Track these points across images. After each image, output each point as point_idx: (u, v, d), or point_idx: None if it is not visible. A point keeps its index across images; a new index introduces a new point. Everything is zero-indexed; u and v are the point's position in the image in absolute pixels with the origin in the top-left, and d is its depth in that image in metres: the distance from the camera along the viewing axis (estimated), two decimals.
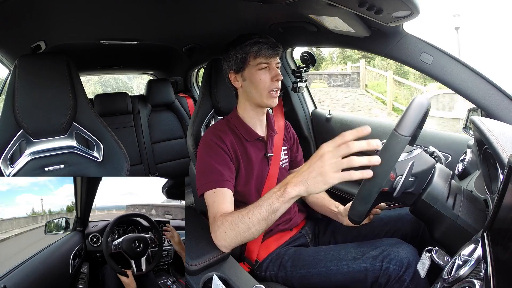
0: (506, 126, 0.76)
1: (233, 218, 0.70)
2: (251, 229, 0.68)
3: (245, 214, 0.69)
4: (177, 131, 2.15)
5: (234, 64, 0.91)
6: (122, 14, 1.04)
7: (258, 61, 0.88)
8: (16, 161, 0.89)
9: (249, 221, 0.68)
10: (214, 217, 0.77)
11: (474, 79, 0.86)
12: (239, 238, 0.70)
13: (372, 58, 17.79)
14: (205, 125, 1.10)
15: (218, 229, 0.73)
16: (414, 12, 0.73)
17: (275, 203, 0.65)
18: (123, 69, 2.35)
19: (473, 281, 0.43)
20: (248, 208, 0.69)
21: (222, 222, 0.72)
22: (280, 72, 0.91)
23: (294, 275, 0.84)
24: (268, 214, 0.66)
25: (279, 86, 0.91)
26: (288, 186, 0.63)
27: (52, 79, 0.91)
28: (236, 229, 0.69)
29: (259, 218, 0.67)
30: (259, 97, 0.90)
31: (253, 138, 0.95)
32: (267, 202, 0.66)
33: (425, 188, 0.66)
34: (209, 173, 0.84)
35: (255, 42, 0.87)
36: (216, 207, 0.78)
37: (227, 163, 0.87)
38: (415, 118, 0.57)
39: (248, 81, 0.90)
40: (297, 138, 1.14)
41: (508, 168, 0.46)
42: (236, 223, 0.69)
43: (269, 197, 0.66)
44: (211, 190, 0.81)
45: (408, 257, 0.71)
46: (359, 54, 14.46)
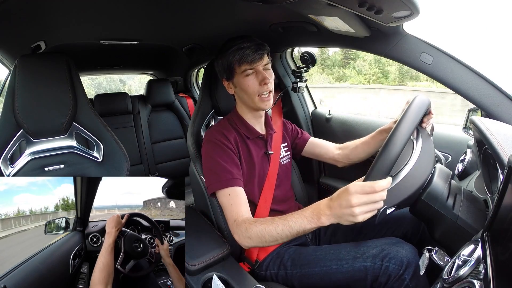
0: (506, 126, 0.76)
1: (259, 229, 0.74)
2: (278, 241, 0.73)
3: (273, 229, 0.71)
4: (177, 131, 2.15)
5: (223, 72, 0.93)
6: (122, 14, 1.04)
7: (243, 68, 0.88)
8: (16, 161, 0.89)
9: (277, 236, 0.71)
10: (235, 220, 0.80)
11: (474, 79, 0.86)
12: (264, 244, 0.75)
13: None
14: (205, 125, 1.10)
15: (242, 234, 0.76)
16: (414, 12, 0.73)
17: (307, 226, 0.68)
18: (123, 69, 2.35)
19: (473, 281, 0.43)
20: (276, 224, 0.72)
21: (247, 229, 0.75)
22: (270, 73, 0.90)
23: (294, 274, 0.84)
24: (298, 233, 0.70)
25: (270, 88, 0.90)
26: (322, 216, 0.65)
27: (52, 79, 0.91)
28: (262, 239, 0.73)
29: (288, 235, 0.70)
30: (251, 102, 0.91)
31: (254, 136, 0.96)
32: (297, 223, 0.69)
33: (425, 188, 0.67)
34: (219, 171, 0.85)
35: (237, 49, 0.86)
36: (235, 210, 0.81)
37: (234, 161, 0.88)
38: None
39: (238, 87, 0.91)
40: (295, 126, 1.16)
41: (508, 168, 0.46)
42: (262, 235, 0.73)
43: (300, 219, 0.69)
44: (224, 189, 0.84)
45: (408, 256, 0.71)
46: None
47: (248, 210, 0.83)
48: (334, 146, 1.10)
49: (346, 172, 1.37)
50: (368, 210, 0.59)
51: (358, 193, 0.59)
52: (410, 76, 18.07)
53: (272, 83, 0.92)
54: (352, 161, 1.05)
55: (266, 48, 0.90)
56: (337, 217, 0.63)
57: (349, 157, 1.05)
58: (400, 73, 18.50)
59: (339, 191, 0.63)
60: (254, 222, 0.76)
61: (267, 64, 0.91)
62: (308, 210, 0.69)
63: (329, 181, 1.43)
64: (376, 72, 19.24)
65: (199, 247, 0.83)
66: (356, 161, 1.05)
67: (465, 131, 0.94)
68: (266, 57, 0.90)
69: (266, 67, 0.90)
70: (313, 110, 1.57)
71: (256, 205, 0.93)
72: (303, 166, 1.36)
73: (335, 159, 1.08)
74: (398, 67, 17.81)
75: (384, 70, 19.37)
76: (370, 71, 19.30)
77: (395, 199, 0.65)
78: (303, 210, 0.70)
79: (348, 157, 1.05)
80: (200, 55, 1.75)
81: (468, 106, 0.91)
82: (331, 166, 1.12)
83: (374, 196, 0.58)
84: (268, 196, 0.95)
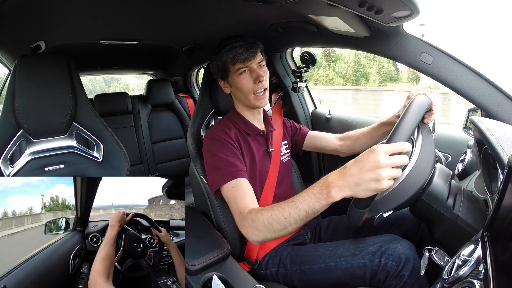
0: (506, 126, 0.76)
1: (265, 217, 0.68)
2: (287, 228, 0.66)
3: (280, 214, 0.66)
4: (177, 131, 2.15)
5: (218, 72, 0.94)
6: (122, 14, 1.04)
7: (236, 67, 0.88)
8: (16, 161, 0.89)
9: (285, 222, 0.65)
10: (241, 213, 0.76)
11: (474, 79, 0.86)
12: (274, 235, 0.69)
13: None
14: (205, 125, 1.10)
15: (250, 226, 0.71)
16: (414, 12, 0.73)
17: (316, 206, 0.61)
18: (123, 69, 2.35)
19: (473, 281, 0.43)
20: (283, 207, 0.66)
21: (253, 220, 0.70)
22: (264, 71, 0.91)
23: (294, 272, 0.84)
24: (307, 215, 0.63)
25: (265, 86, 0.91)
26: (332, 189, 0.58)
27: (52, 79, 0.90)
28: (270, 228, 0.68)
29: (297, 219, 0.64)
30: (246, 100, 0.92)
31: (254, 133, 0.97)
32: (305, 203, 0.62)
33: (425, 188, 0.66)
34: (221, 166, 0.84)
35: (230, 49, 0.87)
36: (240, 202, 0.78)
37: (236, 155, 0.88)
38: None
39: (234, 86, 0.92)
40: (293, 122, 1.16)
41: (508, 168, 0.46)
42: (270, 223, 0.67)
43: (308, 198, 0.62)
44: (228, 183, 0.81)
45: (406, 253, 0.71)
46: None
47: (254, 201, 0.79)
48: (334, 137, 1.11)
49: None
50: (394, 175, 0.54)
51: (387, 152, 0.53)
52: (391, 77, 18.80)
53: (267, 81, 0.92)
54: (355, 152, 1.04)
55: (259, 46, 0.90)
56: (354, 185, 0.56)
57: (351, 148, 1.05)
58: (379, 75, 19.38)
59: (361, 154, 0.57)
60: (260, 210, 0.72)
61: (261, 61, 0.91)
62: (316, 186, 0.62)
63: None
64: (355, 74, 20.11)
65: (199, 247, 0.83)
66: (359, 151, 1.02)
67: (465, 131, 0.94)
68: (259, 55, 0.91)
69: (260, 65, 0.91)
70: (313, 110, 1.57)
71: (257, 203, 0.93)
72: (303, 165, 1.36)
73: (337, 150, 1.09)
74: (378, 69, 18.62)
75: (364, 72, 20.34)
76: (348, 73, 20.18)
77: (393, 204, 0.63)
78: (310, 187, 0.64)
79: (351, 148, 1.05)
80: (200, 55, 1.75)
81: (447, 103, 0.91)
82: (331, 164, 1.12)
83: (403, 158, 0.54)
84: (269, 194, 0.95)
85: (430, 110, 0.76)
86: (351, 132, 1.06)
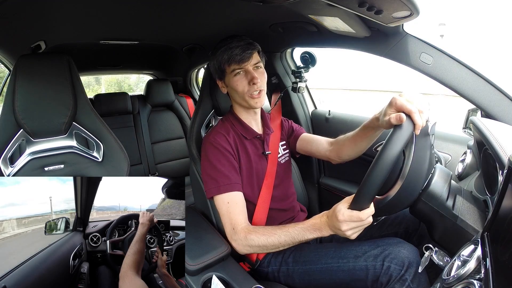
0: (506, 126, 0.76)
1: (260, 241, 0.78)
2: (279, 248, 0.79)
3: (275, 240, 0.77)
4: (177, 131, 2.15)
5: (216, 72, 0.94)
6: (122, 14, 1.04)
7: (231, 68, 0.89)
8: (16, 161, 0.89)
9: (279, 245, 0.78)
10: (233, 228, 0.83)
11: (474, 80, 0.86)
12: (265, 251, 0.81)
13: None
14: (205, 125, 1.10)
15: (241, 243, 0.81)
16: (414, 12, 0.73)
17: (309, 236, 0.74)
18: (123, 69, 2.35)
19: (473, 282, 0.43)
20: (278, 235, 0.77)
21: (246, 238, 0.80)
22: (260, 72, 0.90)
23: (296, 271, 0.84)
24: (300, 242, 0.76)
25: (261, 88, 0.90)
26: (324, 230, 0.72)
27: (52, 79, 0.90)
28: (263, 248, 0.80)
29: (289, 243, 0.77)
30: (242, 101, 0.92)
31: (251, 136, 0.97)
32: (300, 235, 0.75)
33: (425, 189, 0.67)
34: (217, 177, 0.87)
35: (226, 49, 0.87)
36: (233, 218, 0.84)
37: (232, 164, 0.89)
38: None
39: (230, 87, 0.93)
40: (291, 123, 1.13)
41: (508, 169, 0.46)
42: (264, 245, 0.78)
43: (302, 232, 0.75)
44: (222, 195, 0.86)
45: (409, 257, 0.71)
46: None
47: (246, 218, 0.85)
48: (326, 142, 1.02)
49: (346, 173, 1.37)
50: (358, 230, 0.66)
51: (346, 221, 0.65)
52: None
53: (264, 82, 0.91)
54: (344, 160, 0.98)
55: (255, 47, 0.90)
56: (334, 232, 0.70)
57: (339, 155, 0.97)
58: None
59: (331, 215, 0.69)
60: (254, 231, 0.80)
61: (258, 63, 0.91)
62: (309, 224, 0.74)
63: (329, 181, 1.43)
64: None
65: (199, 247, 0.83)
66: (347, 159, 0.97)
67: (465, 131, 0.94)
68: (256, 56, 0.90)
69: (256, 66, 0.90)
70: (313, 110, 1.57)
71: (255, 205, 0.94)
72: (303, 166, 1.36)
73: (327, 157, 1.01)
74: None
75: None
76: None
77: (387, 213, 0.70)
78: (303, 223, 0.76)
79: (338, 155, 0.97)
80: (200, 55, 1.75)
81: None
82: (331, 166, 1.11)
83: (362, 223, 0.65)
84: (266, 196, 0.95)
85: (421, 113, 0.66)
86: (341, 136, 0.97)
